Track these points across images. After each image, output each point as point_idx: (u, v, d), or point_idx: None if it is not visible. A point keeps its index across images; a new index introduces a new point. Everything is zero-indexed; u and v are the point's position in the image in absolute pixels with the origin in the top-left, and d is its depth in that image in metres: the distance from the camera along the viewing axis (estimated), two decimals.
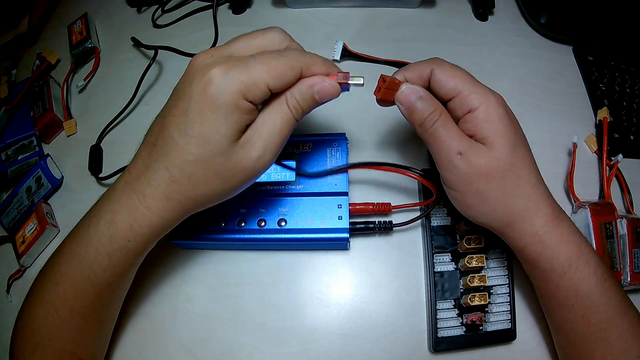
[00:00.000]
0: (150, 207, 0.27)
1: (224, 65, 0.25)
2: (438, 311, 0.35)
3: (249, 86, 0.25)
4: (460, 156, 0.28)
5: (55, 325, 0.29)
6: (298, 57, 0.27)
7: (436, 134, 0.29)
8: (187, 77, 0.26)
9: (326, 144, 0.39)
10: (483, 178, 0.28)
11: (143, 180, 0.27)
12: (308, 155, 0.38)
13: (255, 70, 0.25)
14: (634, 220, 0.38)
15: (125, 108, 0.47)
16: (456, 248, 0.37)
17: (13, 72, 0.55)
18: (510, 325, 0.36)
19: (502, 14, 0.52)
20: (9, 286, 0.42)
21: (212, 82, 0.25)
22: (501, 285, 0.36)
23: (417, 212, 0.39)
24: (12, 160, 0.47)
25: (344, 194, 0.37)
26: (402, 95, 0.29)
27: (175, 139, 0.26)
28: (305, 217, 0.36)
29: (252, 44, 0.27)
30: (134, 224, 0.27)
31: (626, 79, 0.48)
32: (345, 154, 0.38)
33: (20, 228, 0.43)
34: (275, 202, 0.37)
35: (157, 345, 0.37)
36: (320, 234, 0.36)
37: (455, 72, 0.29)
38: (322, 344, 0.36)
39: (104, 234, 0.27)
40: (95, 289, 0.29)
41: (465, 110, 0.29)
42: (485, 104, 0.28)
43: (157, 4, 0.55)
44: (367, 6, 0.52)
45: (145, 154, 0.27)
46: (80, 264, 0.28)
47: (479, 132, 0.28)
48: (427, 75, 0.30)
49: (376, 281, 0.38)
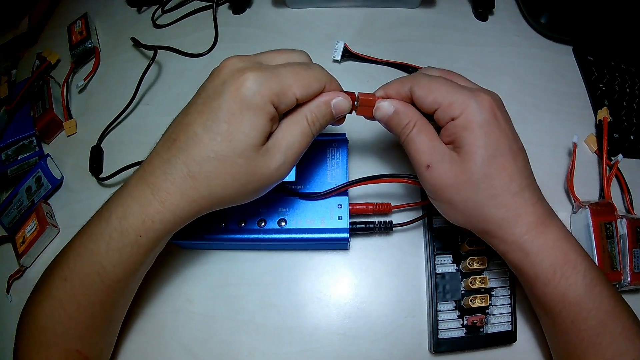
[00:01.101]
0: (164, 201, 0.26)
1: (257, 70, 0.26)
2: (439, 312, 0.35)
3: (279, 93, 0.26)
4: (428, 169, 0.29)
5: (62, 322, 0.29)
6: (323, 72, 0.29)
7: (409, 145, 0.30)
8: (219, 77, 0.27)
9: (326, 144, 0.39)
10: (452, 189, 0.28)
11: (159, 174, 0.27)
12: (308, 156, 0.38)
13: (286, 78, 0.26)
14: (634, 220, 0.38)
15: (125, 108, 0.47)
16: (458, 250, 0.37)
17: (13, 72, 0.55)
18: (511, 328, 0.36)
19: (502, 14, 0.52)
20: (9, 286, 0.42)
21: (245, 84, 0.25)
22: (502, 287, 0.36)
23: (418, 212, 0.39)
24: (12, 160, 0.47)
25: (344, 194, 0.37)
26: (377, 112, 0.31)
27: (199, 134, 0.26)
28: (306, 217, 0.36)
29: (279, 58, 0.29)
30: (146, 218, 0.27)
31: (626, 79, 0.48)
32: (345, 154, 0.38)
33: (20, 228, 0.43)
34: (275, 202, 0.37)
35: (157, 345, 0.37)
36: (320, 234, 0.35)
37: (432, 86, 0.29)
38: (322, 344, 0.36)
39: (116, 229, 0.27)
40: (105, 285, 0.28)
41: (447, 119, 0.29)
42: (466, 112, 0.28)
43: (157, 4, 0.55)
44: (367, 6, 0.52)
45: (163, 149, 0.27)
46: (89, 259, 0.28)
47: (456, 141, 0.29)
48: (406, 93, 0.30)
49: (376, 281, 0.38)
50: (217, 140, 0.26)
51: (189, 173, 0.26)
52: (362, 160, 0.42)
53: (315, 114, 0.29)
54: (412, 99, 0.30)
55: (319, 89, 0.28)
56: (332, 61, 0.48)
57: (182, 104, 0.28)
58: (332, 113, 0.29)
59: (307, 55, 0.31)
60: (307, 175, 0.38)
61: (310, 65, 0.29)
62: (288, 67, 0.27)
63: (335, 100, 0.29)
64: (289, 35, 0.51)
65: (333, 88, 0.29)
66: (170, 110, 0.30)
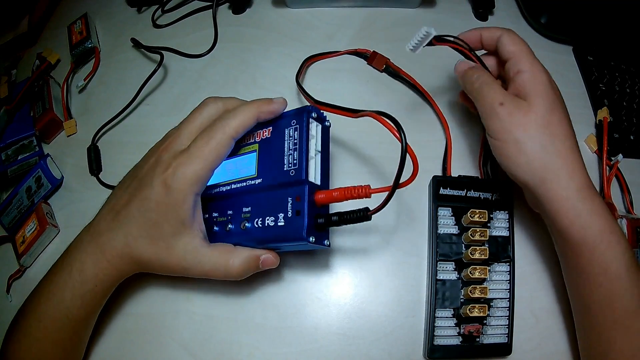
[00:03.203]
0: (110, 260, 0.32)
1: (175, 166, 0.29)
2: (436, 319, 0.35)
3: (196, 182, 0.29)
4: (502, 106, 0.32)
5: (38, 357, 0.33)
6: (224, 126, 0.30)
7: (482, 89, 0.34)
8: (151, 168, 0.31)
9: (285, 124, 0.32)
10: (521, 127, 0.31)
11: (105, 239, 0.32)
12: (270, 142, 0.32)
13: (195, 164, 0.29)
14: (634, 220, 0.38)
15: (124, 109, 0.47)
16: (460, 258, 0.37)
17: (13, 72, 0.55)
18: (507, 340, 0.35)
19: (502, 14, 0.52)
20: (9, 286, 0.42)
21: (166, 183, 0.29)
22: (502, 299, 0.36)
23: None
24: (12, 160, 0.47)
25: (302, 182, 0.29)
26: (458, 66, 0.37)
27: (135, 216, 0.31)
28: (265, 216, 0.30)
29: (194, 127, 0.32)
30: (99, 272, 0.32)
31: (626, 79, 0.48)
32: (305, 130, 0.30)
33: (20, 228, 0.43)
34: (239, 202, 0.32)
35: (157, 345, 0.37)
36: (277, 235, 0.30)
37: (517, 40, 0.34)
38: (322, 344, 0.36)
39: (76, 280, 0.32)
40: (72, 323, 0.33)
41: (515, 70, 0.33)
42: (532, 70, 0.33)
43: (157, 4, 0.55)
44: (367, 6, 0.52)
45: (109, 217, 0.33)
46: (58, 304, 0.33)
47: (522, 90, 0.33)
48: (496, 37, 0.35)
49: (376, 281, 0.38)
50: (149, 224, 0.31)
51: (127, 243, 0.31)
52: (344, 150, 0.42)
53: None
54: (496, 43, 0.35)
55: (230, 146, 0.30)
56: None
57: (181, 104, 0.29)
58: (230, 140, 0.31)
59: (216, 102, 0.33)
60: (266, 165, 0.32)
61: (212, 133, 0.30)
62: (192, 150, 0.30)
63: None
64: (289, 35, 0.51)
65: (247, 115, 0.31)
66: (170, 110, 0.30)
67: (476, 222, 0.37)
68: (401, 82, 0.47)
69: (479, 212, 0.36)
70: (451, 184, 0.38)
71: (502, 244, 0.37)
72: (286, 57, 0.49)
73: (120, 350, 0.37)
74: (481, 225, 0.37)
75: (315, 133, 0.31)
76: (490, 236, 0.37)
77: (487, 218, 0.37)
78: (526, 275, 0.38)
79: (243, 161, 0.33)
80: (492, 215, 0.38)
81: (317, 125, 0.31)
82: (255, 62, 0.49)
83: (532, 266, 0.39)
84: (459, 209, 0.38)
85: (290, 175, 0.30)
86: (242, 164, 0.33)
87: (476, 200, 0.38)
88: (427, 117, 0.45)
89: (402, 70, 0.45)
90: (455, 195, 0.38)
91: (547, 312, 0.38)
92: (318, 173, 0.31)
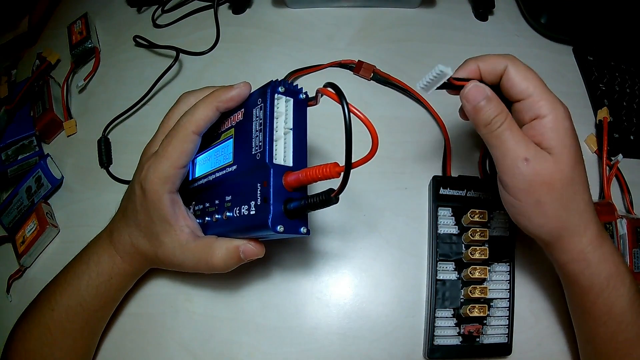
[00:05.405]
0: (123, 257, 0.34)
1: (147, 168, 0.30)
2: (436, 319, 0.35)
3: (165, 181, 0.30)
4: (527, 162, 0.28)
5: (49, 345, 0.34)
6: (185, 123, 0.30)
7: (502, 136, 0.28)
8: (136, 171, 0.33)
9: (252, 104, 0.29)
10: (546, 187, 0.28)
11: (116, 236, 0.34)
12: (242, 125, 0.30)
13: (162, 164, 0.30)
14: (634, 220, 0.38)
15: (132, 107, 0.47)
16: (460, 258, 0.37)
17: (13, 72, 0.55)
18: (506, 340, 0.36)
19: (502, 14, 0.52)
20: (9, 286, 0.42)
21: (142, 186, 0.30)
22: (502, 299, 0.36)
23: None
24: (12, 160, 0.47)
25: (267, 166, 0.27)
26: (470, 94, 0.29)
27: (132, 217, 0.33)
28: (242, 204, 0.28)
29: (169, 128, 0.31)
30: (114, 266, 0.34)
31: (626, 79, 0.48)
32: (269, 108, 0.27)
33: (20, 228, 0.43)
34: (222, 191, 0.31)
35: (157, 345, 0.37)
36: (248, 224, 0.28)
37: (529, 75, 0.29)
38: (322, 344, 0.36)
39: (93, 270, 0.34)
40: (85, 313, 0.34)
41: (532, 115, 0.28)
42: (554, 114, 0.28)
43: (157, 4, 0.55)
44: (367, 6, 0.52)
45: (119, 216, 0.35)
46: (73, 293, 0.34)
47: (545, 141, 0.28)
48: (500, 70, 0.29)
49: (376, 281, 0.38)
50: (141, 226, 0.32)
51: (132, 243, 0.33)
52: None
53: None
54: (501, 78, 0.29)
55: (196, 143, 0.30)
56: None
57: None
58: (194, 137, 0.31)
59: (189, 96, 0.33)
60: (240, 150, 0.30)
61: (175, 134, 0.30)
62: (160, 153, 0.30)
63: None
64: (289, 35, 0.51)
65: (208, 111, 0.30)
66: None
67: (476, 222, 0.37)
68: (391, 88, 0.46)
69: (479, 212, 0.37)
70: (451, 184, 0.38)
71: (502, 244, 0.37)
72: (286, 57, 0.49)
73: (120, 350, 0.37)
74: (481, 225, 0.37)
75: (285, 109, 0.28)
76: (490, 236, 0.37)
77: (487, 218, 0.37)
78: (526, 275, 0.38)
79: (223, 148, 0.31)
80: (492, 215, 0.38)
81: (287, 100, 0.29)
82: (255, 62, 0.49)
83: (532, 266, 0.39)
84: (459, 209, 0.38)
85: (256, 159, 0.27)
86: (221, 151, 0.32)
87: (476, 200, 0.38)
88: (424, 118, 0.45)
89: (390, 76, 0.45)
90: (455, 195, 0.38)
91: (547, 312, 0.38)
92: (289, 153, 0.28)
